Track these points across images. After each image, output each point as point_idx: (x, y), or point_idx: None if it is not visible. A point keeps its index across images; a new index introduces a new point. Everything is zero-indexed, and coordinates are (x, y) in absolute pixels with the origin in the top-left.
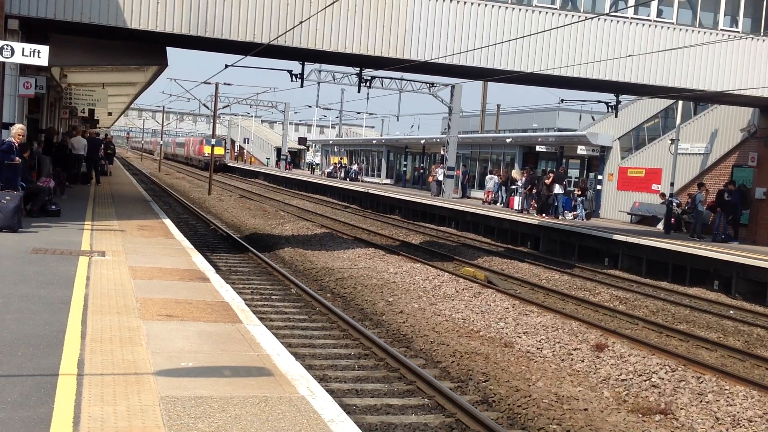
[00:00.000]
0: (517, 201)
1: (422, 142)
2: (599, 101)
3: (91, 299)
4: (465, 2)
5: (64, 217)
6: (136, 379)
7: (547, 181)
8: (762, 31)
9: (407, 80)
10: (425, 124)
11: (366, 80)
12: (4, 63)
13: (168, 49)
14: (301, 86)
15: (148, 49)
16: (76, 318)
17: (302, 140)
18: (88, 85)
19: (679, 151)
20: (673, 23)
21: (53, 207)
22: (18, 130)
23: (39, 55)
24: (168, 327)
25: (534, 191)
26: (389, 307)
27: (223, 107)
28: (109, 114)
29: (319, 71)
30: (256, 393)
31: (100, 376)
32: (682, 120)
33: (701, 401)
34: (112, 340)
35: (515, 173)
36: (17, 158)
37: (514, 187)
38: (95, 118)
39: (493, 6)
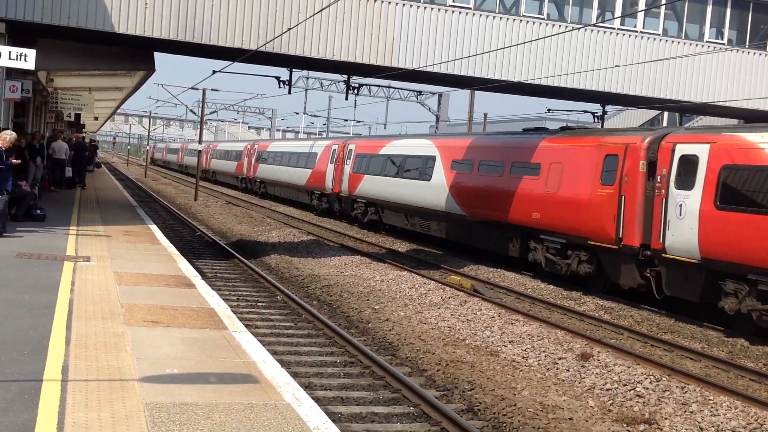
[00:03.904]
0: None
1: None
2: (586, 111)
3: (75, 305)
4: (453, 11)
5: (49, 222)
6: (120, 385)
7: None
8: (747, 43)
9: (395, 88)
10: (412, 131)
11: (354, 87)
12: None
13: (155, 54)
14: (289, 93)
15: (135, 54)
16: (60, 323)
17: None
18: (75, 90)
19: None
20: (659, 35)
21: (38, 212)
22: (8, 137)
23: (26, 58)
24: (153, 333)
25: None
26: (375, 314)
27: (210, 113)
28: (96, 119)
29: (307, 78)
30: (242, 400)
31: (85, 382)
32: None
33: (685, 411)
34: (96, 346)
35: None
36: (15, 160)
37: None
38: (81, 122)
39: (481, 15)
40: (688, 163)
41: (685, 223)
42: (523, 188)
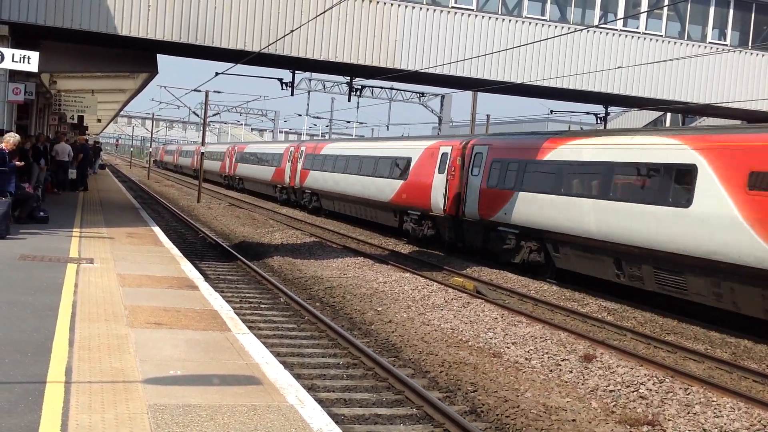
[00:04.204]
0: None
1: None
2: (588, 113)
3: (79, 306)
4: (456, 12)
5: (53, 224)
6: (124, 387)
7: None
8: (750, 44)
9: (397, 89)
10: (415, 133)
11: (356, 89)
12: None
13: (158, 56)
14: (292, 95)
15: (138, 56)
16: (64, 325)
17: None
18: (78, 92)
19: None
20: (661, 36)
21: (41, 214)
22: (12, 139)
23: (29, 61)
24: (156, 335)
25: None
26: (378, 316)
27: (213, 115)
28: (99, 121)
29: (310, 80)
30: (245, 401)
31: (88, 383)
32: None
33: (689, 413)
34: (100, 348)
35: None
36: (18, 163)
37: None
38: (84, 124)
39: (483, 17)
40: (477, 158)
41: (473, 197)
42: (402, 183)
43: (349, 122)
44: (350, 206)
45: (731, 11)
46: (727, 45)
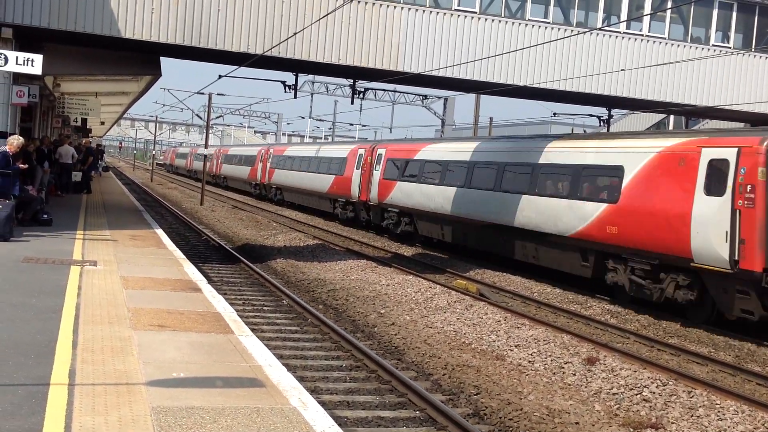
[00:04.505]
0: None
1: None
2: (591, 115)
3: (82, 309)
4: (459, 15)
5: (56, 227)
6: (127, 389)
7: None
8: (753, 46)
9: (400, 92)
10: (418, 136)
11: (359, 92)
12: None
13: (162, 58)
14: (295, 97)
15: (141, 59)
16: (67, 327)
17: None
18: (81, 94)
19: None
20: (665, 38)
21: (45, 216)
22: (16, 141)
23: (33, 64)
24: (160, 337)
25: None
26: (381, 319)
27: (216, 117)
28: (102, 123)
29: (313, 82)
30: (248, 404)
31: (92, 386)
32: None
33: (692, 416)
34: (103, 350)
35: None
36: (22, 165)
37: None
38: (88, 127)
39: (486, 19)
40: (378, 158)
41: (375, 187)
42: (334, 177)
43: (352, 125)
44: (303, 197)
45: (734, 14)
46: (730, 47)
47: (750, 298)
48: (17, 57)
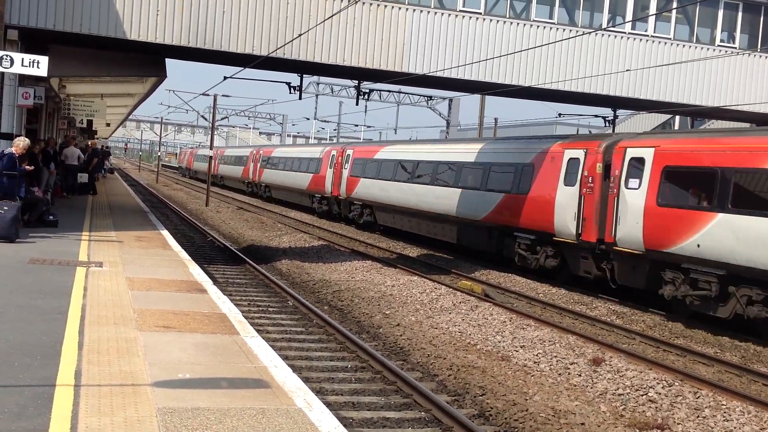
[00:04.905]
0: None
1: None
2: (597, 116)
3: (88, 310)
4: (463, 16)
5: (62, 228)
6: (133, 390)
7: None
8: (759, 46)
9: (405, 93)
10: (423, 137)
11: (364, 93)
12: (3, 73)
13: (167, 60)
14: (300, 98)
15: (147, 61)
16: (73, 328)
17: None
18: (87, 96)
19: None
20: (670, 38)
21: (51, 217)
22: (22, 143)
23: (38, 65)
24: (165, 338)
25: None
26: (386, 319)
27: (222, 119)
28: (108, 125)
29: (318, 83)
30: (254, 405)
31: (98, 387)
32: None
33: (698, 416)
34: (109, 351)
35: None
36: (28, 167)
37: None
38: (93, 128)
39: (491, 20)
40: (347, 158)
41: (344, 183)
42: (312, 175)
43: (357, 126)
44: (288, 194)
45: (740, 14)
46: (735, 48)
47: (588, 261)
48: (23, 59)
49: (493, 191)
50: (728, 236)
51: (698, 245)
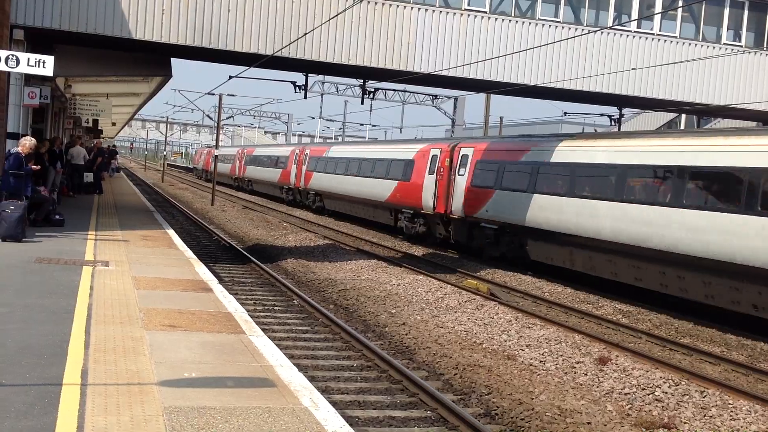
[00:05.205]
0: None
1: None
2: (602, 114)
3: (94, 309)
4: (469, 15)
5: (68, 227)
6: (139, 389)
7: None
8: (765, 45)
9: (410, 92)
10: (428, 135)
11: (369, 92)
12: (9, 73)
13: (172, 59)
14: (305, 97)
15: (152, 60)
16: (79, 328)
17: None
18: (93, 96)
19: None
20: (676, 37)
21: (57, 217)
22: (28, 143)
23: (44, 65)
24: (171, 337)
25: None
26: (392, 318)
27: (227, 118)
28: (113, 124)
29: (323, 83)
30: (259, 404)
31: (104, 386)
32: None
33: (705, 415)
34: (115, 350)
35: None
36: (34, 166)
37: None
38: (99, 128)
39: (496, 19)
40: (305, 156)
41: (302, 176)
42: (281, 170)
43: (362, 125)
44: (264, 187)
45: (746, 12)
46: (741, 46)
47: (440, 226)
48: (29, 58)
49: (391, 179)
50: (502, 204)
51: (486, 210)
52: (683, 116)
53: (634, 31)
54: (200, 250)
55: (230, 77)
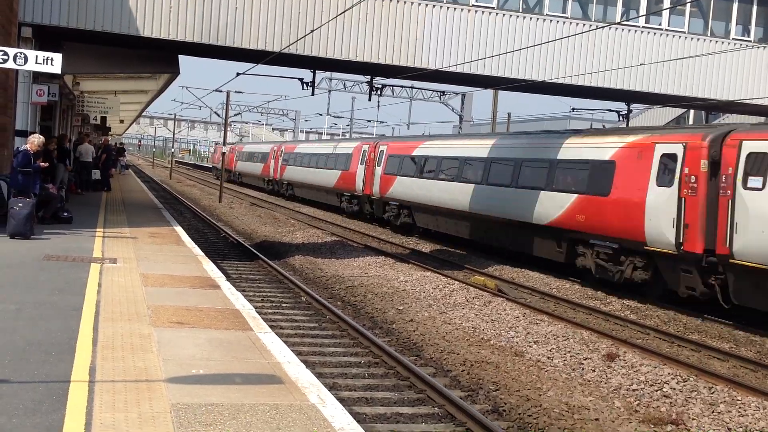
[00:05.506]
0: None
1: None
2: (610, 110)
3: (102, 306)
4: (477, 11)
5: (76, 225)
6: (147, 386)
7: None
8: None
9: (418, 88)
10: (436, 132)
11: (377, 88)
12: (17, 70)
13: (180, 57)
14: (312, 94)
15: (160, 57)
16: (87, 325)
17: None
18: (101, 93)
19: None
20: (684, 32)
21: (65, 214)
22: (36, 140)
23: (52, 62)
24: (179, 334)
25: None
26: (399, 315)
27: (234, 115)
28: (121, 121)
29: (330, 79)
30: (267, 400)
31: (112, 383)
32: None
33: (713, 412)
34: (123, 347)
35: None
36: (42, 164)
37: None
38: (107, 125)
39: (504, 14)
40: (281, 152)
41: (279, 170)
42: (263, 165)
43: (369, 121)
44: (252, 179)
45: (755, 7)
46: (750, 41)
47: (367, 204)
48: (37, 56)
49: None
50: (401, 187)
51: (391, 192)
52: (691, 111)
53: (643, 27)
54: (208, 247)
55: (238, 74)
